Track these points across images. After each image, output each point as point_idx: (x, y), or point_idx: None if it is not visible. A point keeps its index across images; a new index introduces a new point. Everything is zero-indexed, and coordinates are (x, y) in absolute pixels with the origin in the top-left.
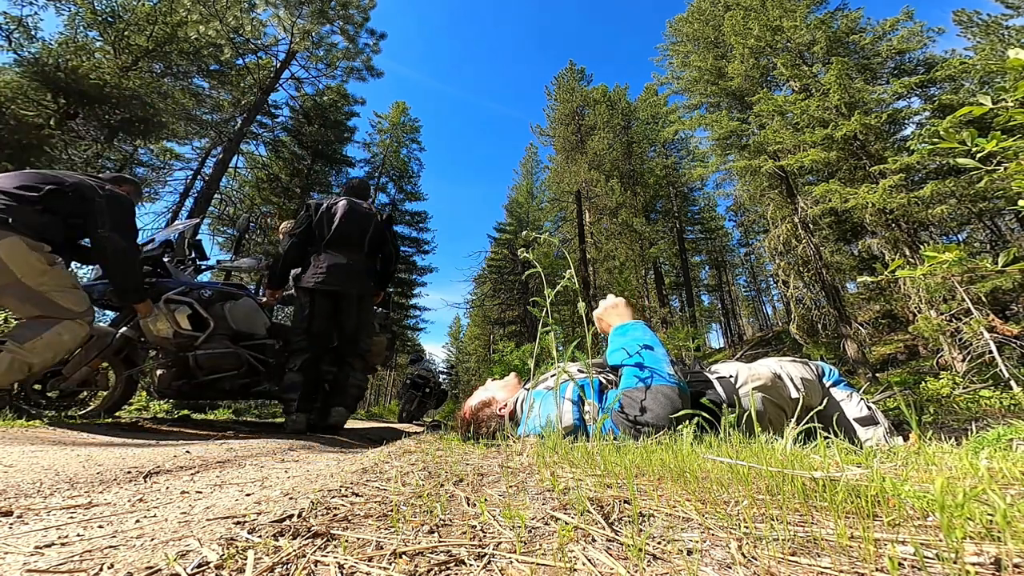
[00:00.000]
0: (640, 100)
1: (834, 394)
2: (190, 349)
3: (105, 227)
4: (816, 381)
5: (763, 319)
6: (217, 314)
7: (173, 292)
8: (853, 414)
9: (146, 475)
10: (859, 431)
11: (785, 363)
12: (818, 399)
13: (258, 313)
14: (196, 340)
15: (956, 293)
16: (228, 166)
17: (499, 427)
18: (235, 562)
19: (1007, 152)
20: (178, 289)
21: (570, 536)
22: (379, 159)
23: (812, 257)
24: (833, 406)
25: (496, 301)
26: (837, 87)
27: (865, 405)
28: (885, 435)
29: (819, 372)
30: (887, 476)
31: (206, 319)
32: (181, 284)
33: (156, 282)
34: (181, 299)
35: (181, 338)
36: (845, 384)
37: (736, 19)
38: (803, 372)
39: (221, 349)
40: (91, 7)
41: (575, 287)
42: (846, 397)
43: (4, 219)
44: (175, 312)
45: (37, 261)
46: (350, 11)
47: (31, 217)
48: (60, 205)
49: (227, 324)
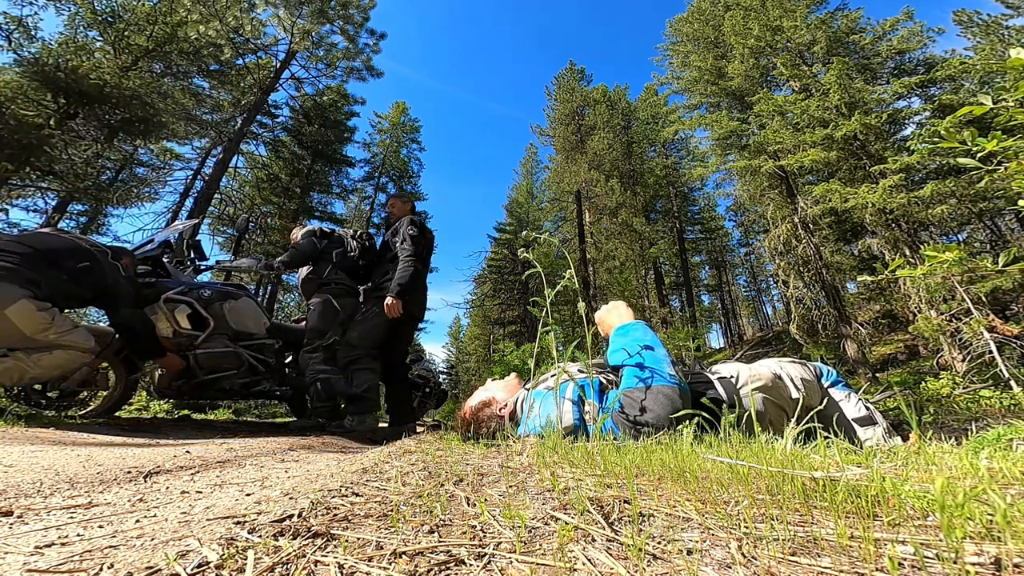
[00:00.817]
0: (640, 100)
1: (833, 394)
2: (190, 349)
3: (125, 307)
4: (815, 381)
5: (763, 319)
6: (217, 313)
7: (173, 292)
8: (852, 414)
9: (146, 475)
10: (858, 431)
11: (785, 363)
12: (818, 399)
13: (258, 313)
14: (196, 339)
15: (956, 293)
16: (228, 166)
17: (499, 427)
18: (235, 562)
19: (1007, 152)
20: (177, 289)
21: (570, 536)
22: (379, 159)
23: (812, 257)
24: (832, 406)
25: (496, 301)
26: (837, 87)
27: (863, 405)
28: (884, 435)
29: (817, 373)
30: (887, 476)
31: (206, 318)
32: (180, 284)
33: (155, 282)
34: (181, 298)
35: (181, 337)
36: (843, 385)
37: (736, 19)
38: (802, 372)
39: (221, 348)
40: (91, 7)
41: (575, 287)
42: (844, 397)
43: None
44: (175, 311)
45: (41, 320)
46: (350, 11)
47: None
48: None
49: (227, 324)
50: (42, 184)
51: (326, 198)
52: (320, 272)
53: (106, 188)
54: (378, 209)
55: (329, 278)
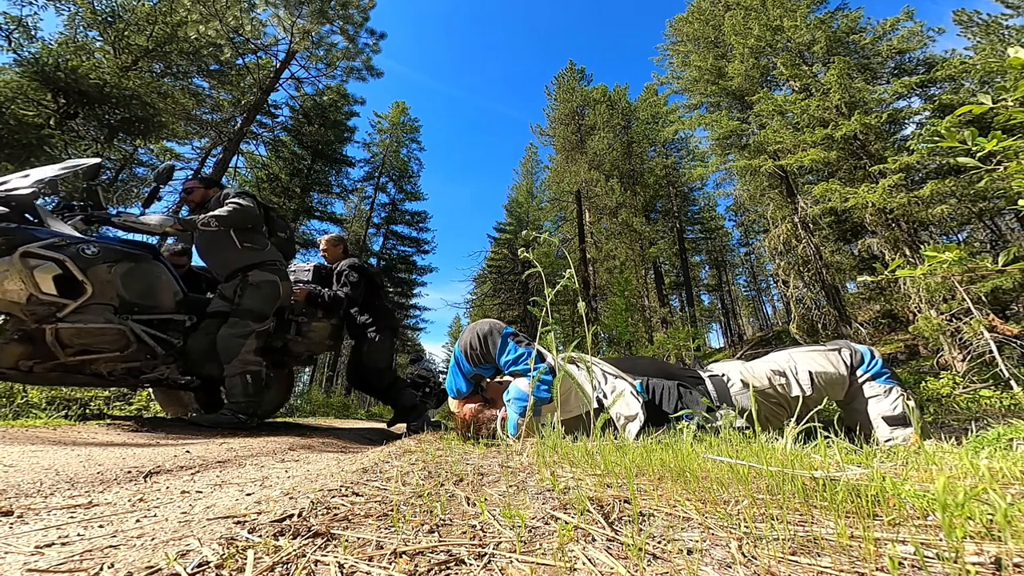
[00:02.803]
0: (640, 100)
1: (869, 388)
2: (50, 320)
3: None
4: (840, 374)
5: (763, 319)
6: (100, 278)
7: (38, 245)
8: (884, 411)
9: (146, 475)
10: (881, 429)
11: (800, 355)
12: (840, 394)
13: (167, 280)
14: (61, 309)
15: (956, 293)
16: (228, 166)
17: (499, 428)
18: (235, 562)
19: (1007, 151)
20: (46, 242)
21: (570, 536)
22: (379, 159)
23: (812, 257)
24: (859, 401)
25: (496, 301)
26: (837, 87)
27: (902, 403)
28: (907, 439)
29: (855, 361)
30: (887, 476)
31: (81, 283)
32: (53, 236)
33: (13, 228)
34: (47, 254)
35: (37, 305)
36: (887, 378)
37: (736, 19)
38: (821, 365)
39: (97, 323)
40: (91, 7)
41: (575, 287)
42: (883, 392)
43: None
44: (34, 271)
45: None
46: (350, 11)
47: None
48: None
49: (113, 292)
50: None
51: (326, 198)
52: (262, 244)
53: (106, 188)
54: (378, 209)
55: (273, 257)
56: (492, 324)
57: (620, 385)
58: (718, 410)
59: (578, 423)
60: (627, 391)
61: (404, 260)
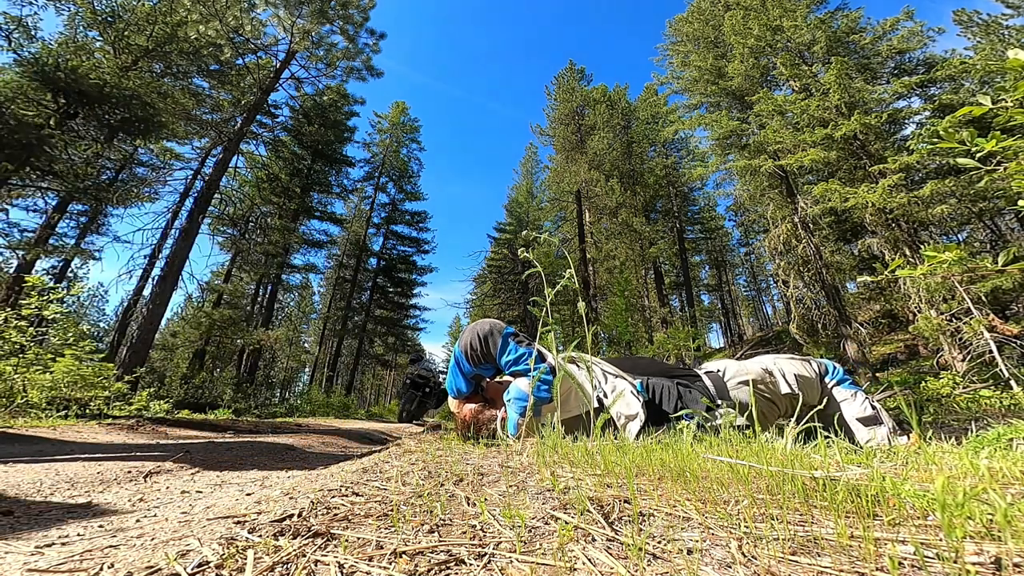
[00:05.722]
0: (640, 100)
1: (837, 393)
2: None
3: None
4: (815, 379)
5: (763, 319)
6: None
7: None
8: (856, 413)
9: (146, 475)
10: (859, 431)
11: (781, 360)
12: (816, 397)
13: None
14: None
15: (956, 293)
16: (228, 166)
17: (499, 428)
18: (235, 562)
19: (1007, 152)
20: None
21: (570, 536)
22: (379, 159)
23: (812, 257)
24: (833, 405)
25: (496, 301)
26: (837, 87)
27: (870, 404)
28: (888, 435)
29: (821, 370)
30: (887, 476)
31: None
32: None
33: None
34: None
35: None
36: (850, 383)
37: (736, 19)
38: (800, 369)
39: None
40: (91, 7)
41: (575, 287)
42: (850, 396)
43: None
44: None
45: None
46: (350, 11)
47: None
48: None
49: None
50: (42, 184)
51: (326, 198)
52: None
53: (106, 188)
54: (378, 209)
55: None
56: (492, 324)
57: (620, 384)
58: (717, 408)
59: (578, 423)
60: (627, 390)
61: (404, 260)
